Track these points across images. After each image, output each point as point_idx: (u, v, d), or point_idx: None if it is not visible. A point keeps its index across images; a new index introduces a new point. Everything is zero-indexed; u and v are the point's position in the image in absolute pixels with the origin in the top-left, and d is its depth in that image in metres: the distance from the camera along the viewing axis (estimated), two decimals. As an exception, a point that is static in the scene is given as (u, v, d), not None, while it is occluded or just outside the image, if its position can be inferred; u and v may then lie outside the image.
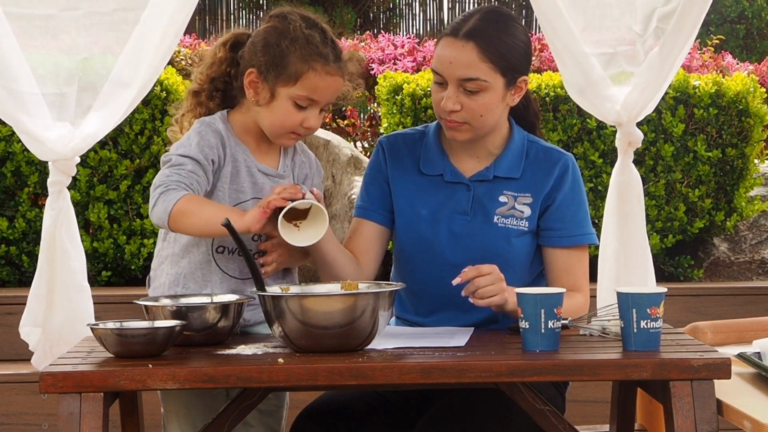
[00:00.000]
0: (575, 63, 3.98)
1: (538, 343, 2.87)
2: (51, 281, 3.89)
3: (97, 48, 3.85)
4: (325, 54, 3.14)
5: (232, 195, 3.18)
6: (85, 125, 3.83)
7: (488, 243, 3.23)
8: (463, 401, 3.11)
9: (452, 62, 3.20)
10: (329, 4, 11.05)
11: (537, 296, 2.87)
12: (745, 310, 5.41)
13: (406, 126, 5.73)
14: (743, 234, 6.24)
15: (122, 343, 2.85)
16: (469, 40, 3.19)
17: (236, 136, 3.21)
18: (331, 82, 3.15)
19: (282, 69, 3.13)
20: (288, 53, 3.13)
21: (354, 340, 2.87)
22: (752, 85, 5.84)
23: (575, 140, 5.76)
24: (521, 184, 3.30)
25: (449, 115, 3.22)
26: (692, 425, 2.76)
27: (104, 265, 5.75)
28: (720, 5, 10.52)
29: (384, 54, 6.96)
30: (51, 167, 3.86)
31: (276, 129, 3.18)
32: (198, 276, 3.18)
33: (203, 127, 3.18)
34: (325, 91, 3.15)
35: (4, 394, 4.91)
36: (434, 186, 3.32)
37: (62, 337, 3.86)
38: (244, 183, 3.19)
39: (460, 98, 3.20)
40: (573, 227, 3.29)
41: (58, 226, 3.86)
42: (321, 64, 3.13)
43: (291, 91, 3.13)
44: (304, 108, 3.15)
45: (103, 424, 2.73)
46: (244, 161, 3.20)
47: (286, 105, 3.15)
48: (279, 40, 3.14)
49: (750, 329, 3.52)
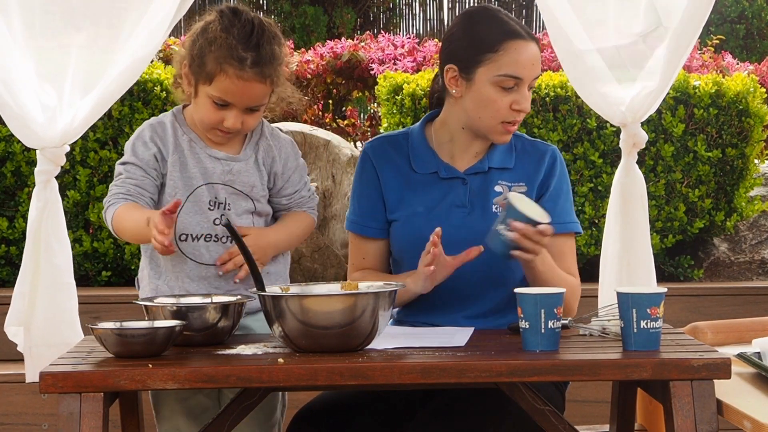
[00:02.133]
0: (581, 62, 3.98)
1: (538, 343, 2.87)
2: (34, 278, 3.82)
3: (86, 36, 3.82)
4: (240, 57, 3.13)
5: (185, 182, 3.25)
6: (74, 113, 3.78)
7: (486, 232, 3.24)
8: (460, 399, 3.11)
9: (534, 63, 3.28)
10: (329, 4, 11.05)
11: (537, 296, 2.87)
12: (745, 310, 5.41)
13: (406, 126, 5.72)
14: (743, 234, 6.24)
15: (122, 343, 2.85)
16: (532, 39, 3.29)
17: (187, 125, 3.28)
18: (244, 87, 3.15)
19: (200, 67, 3.18)
20: (205, 53, 3.17)
21: (354, 340, 2.87)
22: (752, 85, 5.84)
23: (575, 140, 5.76)
24: (515, 174, 3.34)
25: (518, 115, 3.27)
26: (692, 425, 2.76)
27: (104, 265, 5.75)
28: (720, 5, 10.52)
29: (384, 54, 6.96)
30: (39, 156, 3.79)
31: (200, 125, 3.25)
32: (169, 267, 3.26)
33: (145, 124, 3.29)
34: (239, 95, 3.16)
35: (4, 394, 4.91)
36: (429, 183, 3.33)
37: (44, 336, 3.79)
38: (193, 169, 3.25)
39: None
40: (563, 215, 3.35)
41: (44, 218, 3.77)
42: (234, 68, 3.13)
43: (208, 90, 3.18)
44: (224, 107, 3.18)
45: (103, 424, 2.73)
46: (190, 149, 3.25)
47: (205, 102, 3.20)
48: (200, 38, 3.18)
49: (750, 329, 3.52)
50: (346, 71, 7.05)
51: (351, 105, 7.34)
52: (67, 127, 3.76)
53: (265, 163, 3.30)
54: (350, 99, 7.31)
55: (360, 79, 7.05)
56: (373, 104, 7.06)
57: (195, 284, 3.24)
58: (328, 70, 6.93)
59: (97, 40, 3.80)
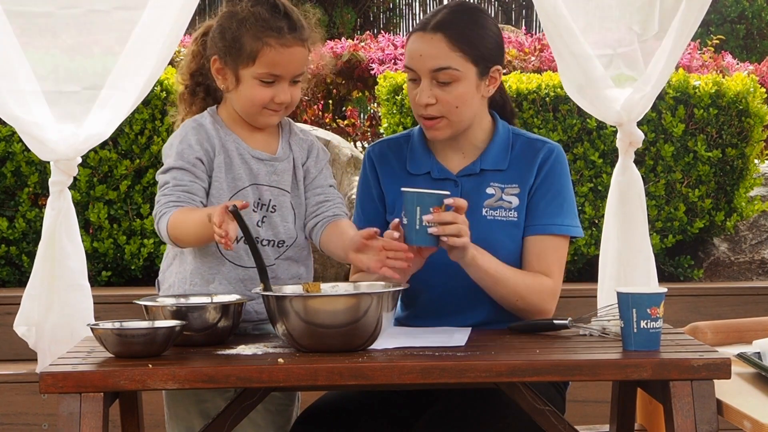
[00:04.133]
0: (576, 62, 3.98)
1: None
2: (49, 280, 3.89)
3: (98, 48, 3.85)
4: (277, 27, 3.15)
5: (230, 183, 3.20)
6: (87, 126, 3.83)
7: (478, 236, 3.23)
8: (463, 401, 3.11)
9: (422, 54, 3.23)
10: (329, 4, 11.05)
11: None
12: (745, 310, 5.41)
13: (406, 126, 5.73)
14: (743, 234, 6.24)
15: (122, 343, 2.85)
16: (437, 31, 3.22)
17: (227, 127, 3.24)
18: (289, 54, 3.16)
19: (239, 51, 3.16)
20: (241, 35, 3.16)
21: (357, 340, 2.88)
22: (752, 85, 5.84)
23: (575, 140, 5.76)
24: (507, 176, 3.30)
25: (425, 109, 3.23)
26: (692, 425, 2.76)
27: (104, 265, 5.75)
28: (720, 5, 10.52)
29: (384, 54, 6.96)
30: (52, 167, 3.86)
31: (249, 110, 3.21)
32: (205, 270, 3.19)
33: (186, 126, 3.23)
34: (286, 64, 3.17)
35: (4, 394, 4.91)
36: (422, 184, 3.31)
37: (58, 336, 3.87)
38: (239, 170, 3.21)
39: (434, 91, 3.23)
40: (545, 216, 3.28)
41: (58, 225, 3.87)
42: (274, 39, 3.15)
43: (252, 71, 3.16)
44: (271, 84, 3.17)
45: (103, 424, 2.73)
46: (236, 149, 3.22)
47: (252, 85, 3.18)
48: (231, 24, 3.18)
49: (750, 329, 3.52)
50: (346, 71, 7.05)
51: (351, 105, 7.34)
52: (80, 140, 3.81)
53: (301, 158, 3.28)
54: (350, 99, 7.31)
55: (360, 79, 7.05)
56: (373, 104, 7.06)
57: (232, 286, 3.18)
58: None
59: (108, 55, 3.83)
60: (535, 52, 6.70)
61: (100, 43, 3.84)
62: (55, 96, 3.82)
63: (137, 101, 3.84)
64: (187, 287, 3.19)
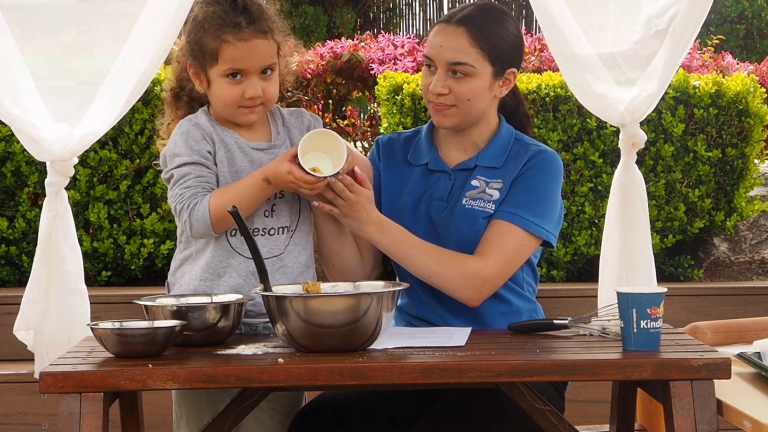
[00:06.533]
0: (577, 63, 3.98)
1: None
2: (47, 284, 3.88)
3: (95, 47, 3.84)
4: (234, 23, 3.18)
5: (234, 176, 3.22)
6: (83, 125, 3.82)
7: (456, 226, 3.24)
8: (463, 401, 3.11)
9: (443, 46, 3.28)
10: (329, 4, 11.05)
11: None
12: (745, 310, 5.41)
13: (406, 126, 5.73)
14: (743, 234, 6.23)
15: (122, 343, 2.85)
16: (461, 25, 3.27)
17: (221, 124, 3.27)
18: (249, 47, 3.18)
19: (203, 52, 3.20)
20: (201, 36, 3.20)
21: (357, 340, 2.88)
22: (752, 85, 5.84)
23: (575, 140, 5.76)
24: (497, 172, 3.32)
25: (437, 98, 3.28)
26: (692, 425, 2.76)
27: (104, 265, 5.74)
28: (720, 5, 10.51)
29: (384, 54, 6.95)
30: (49, 167, 3.85)
31: (225, 110, 3.23)
32: (216, 263, 3.20)
33: (184, 125, 3.26)
34: (248, 58, 3.19)
35: (4, 394, 4.91)
36: (419, 175, 3.37)
37: (56, 340, 3.86)
38: (241, 163, 3.23)
39: (448, 82, 3.27)
40: (510, 206, 3.26)
41: (55, 227, 3.85)
42: (232, 34, 3.17)
43: (218, 70, 3.19)
44: (239, 80, 3.19)
45: (103, 424, 2.73)
46: (235, 143, 3.24)
47: (221, 84, 3.21)
48: (193, 27, 3.23)
49: (750, 329, 3.52)
50: (346, 71, 7.04)
51: (351, 105, 7.33)
52: (76, 141, 3.80)
53: (302, 134, 3.27)
54: (350, 99, 7.31)
55: (360, 79, 7.04)
56: (373, 104, 7.05)
57: (242, 279, 3.19)
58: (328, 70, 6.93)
59: (105, 54, 3.82)
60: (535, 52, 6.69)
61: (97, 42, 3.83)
62: (51, 93, 3.81)
63: (132, 101, 3.83)
64: (198, 283, 3.20)
